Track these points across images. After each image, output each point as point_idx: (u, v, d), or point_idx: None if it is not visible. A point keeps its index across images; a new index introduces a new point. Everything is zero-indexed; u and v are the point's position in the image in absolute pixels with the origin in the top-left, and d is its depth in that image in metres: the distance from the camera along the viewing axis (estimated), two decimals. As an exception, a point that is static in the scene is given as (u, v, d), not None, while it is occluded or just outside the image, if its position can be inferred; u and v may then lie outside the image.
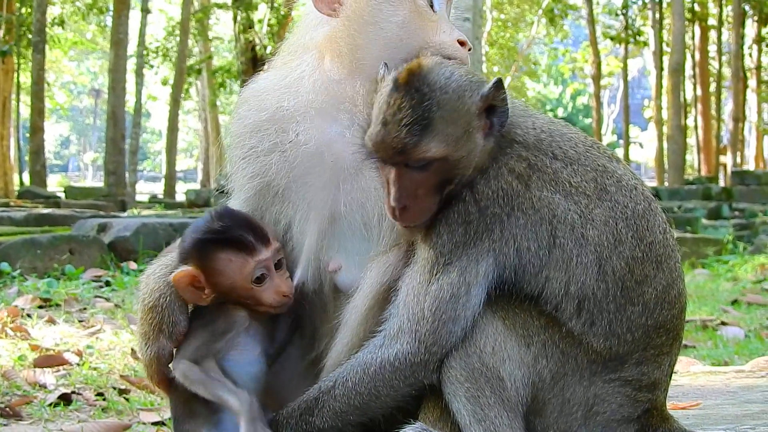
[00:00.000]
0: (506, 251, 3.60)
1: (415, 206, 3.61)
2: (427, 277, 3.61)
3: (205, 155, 60.73)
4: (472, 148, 3.61)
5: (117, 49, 40.45)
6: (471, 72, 3.77)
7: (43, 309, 9.91)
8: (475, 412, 3.56)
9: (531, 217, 3.60)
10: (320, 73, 4.11)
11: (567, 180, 3.67)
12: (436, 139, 3.54)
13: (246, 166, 4.23)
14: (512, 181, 3.62)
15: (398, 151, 3.54)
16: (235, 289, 3.96)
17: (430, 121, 3.53)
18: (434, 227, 3.64)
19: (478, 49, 24.41)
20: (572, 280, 3.60)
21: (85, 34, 64.76)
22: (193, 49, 57.60)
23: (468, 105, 3.60)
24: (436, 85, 3.58)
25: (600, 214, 3.66)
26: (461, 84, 3.63)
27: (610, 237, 3.64)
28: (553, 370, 3.62)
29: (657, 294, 3.70)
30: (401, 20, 4.04)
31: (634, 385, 3.69)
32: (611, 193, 3.72)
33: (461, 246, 3.59)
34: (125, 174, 41.59)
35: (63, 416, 5.97)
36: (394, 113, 3.55)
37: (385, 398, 3.70)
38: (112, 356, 7.74)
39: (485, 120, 3.64)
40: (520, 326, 3.60)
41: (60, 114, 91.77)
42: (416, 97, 3.55)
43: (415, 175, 3.59)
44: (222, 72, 51.64)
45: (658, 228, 3.78)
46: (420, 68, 3.63)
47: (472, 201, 3.61)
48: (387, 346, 3.67)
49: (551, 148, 3.74)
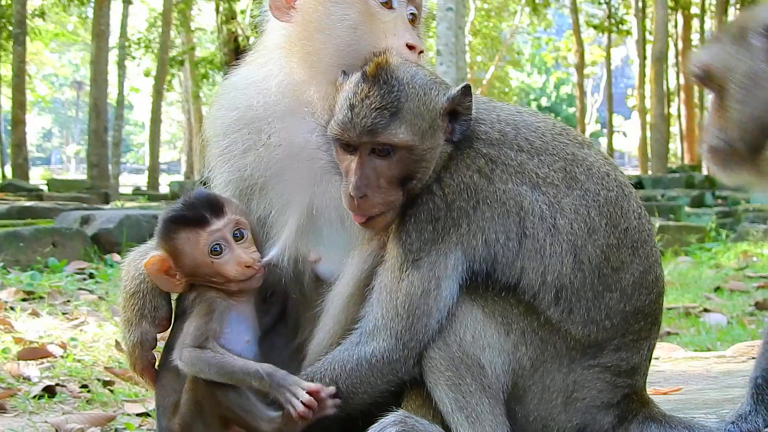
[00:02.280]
0: (474, 244, 3.63)
1: (375, 197, 3.63)
2: (397, 274, 3.65)
3: (189, 147, 60.55)
4: (434, 146, 3.67)
5: (99, 41, 40.28)
6: (433, 74, 3.83)
7: (26, 302, 9.89)
8: (456, 400, 3.60)
9: (497, 210, 3.63)
10: (285, 74, 4.13)
11: (533, 171, 3.71)
12: (404, 126, 3.59)
13: (222, 165, 4.27)
14: (473, 176, 3.65)
15: (367, 130, 3.58)
16: (198, 267, 3.98)
17: (399, 109, 3.59)
18: (403, 226, 3.67)
19: (461, 38, 24.44)
20: (548, 269, 3.63)
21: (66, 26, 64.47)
22: (176, 40, 57.38)
23: (434, 102, 3.67)
24: (403, 79, 3.65)
25: (570, 203, 3.69)
26: (426, 82, 3.70)
27: (583, 225, 3.67)
28: (532, 357, 3.65)
29: (634, 280, 3.73)
30: (351, 24, 4.03)
31: (614, 370, 3.73)
32: (581, 181, 3.75)
33: (429, 242, 3.63)
34: (108, 166, 41.47)
35: (47, 408, 5.97)
36: (363, 99, 3.61)
37: (362, 395, 3.73)
38: (96, 348, 7.74)
39: (448, 123, 3.70)
40: (499, 314, 3.63)
41: (42, 106, 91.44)
42: (385, 87, 3.62)
43: (377, 163, 3.63)
44: (205, 63, 51.60)
45: (632, 214, 3.81)
46: (387, 63, 3.69)
47: (440, 197, 3.64)
48: (363, 343, 3.71)
49: (516, 140, 3.76)
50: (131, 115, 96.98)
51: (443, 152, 3.70)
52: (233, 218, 4.02)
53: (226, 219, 4.00)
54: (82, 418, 5.65)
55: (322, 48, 4.04)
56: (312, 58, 4.06)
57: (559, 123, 4.05)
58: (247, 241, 4.05)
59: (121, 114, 46.24)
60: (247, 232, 4.06)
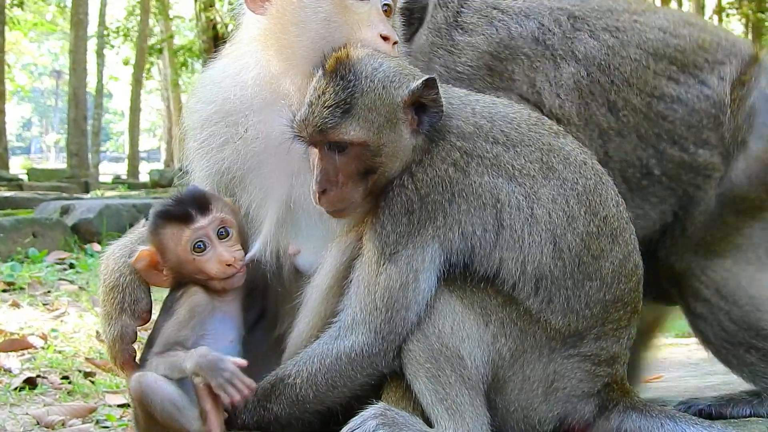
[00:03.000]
0: (451, 236, 3.64)
1: (336, 192, 3.68)
2: (375, 268, 3.65)
3: (169, 135, 60.33)
4: (395, 139, 3.68)
5: (77, 30, 40.17)
6: (403, 65, 3.82)
7: (6, 293, 9.88)
8: (436, 391, 3.59)
9: (473, 203, 3.64)
10: (261, 67, 4.14)
11: (509, 163, 3.71)
12: (355, 123, 3.62)
13: (200, 159, 4.29)
14: (448, 169, 3.66)
15: (318, 129, 3.63)
16: (181, 263, 4.01)
17: (352, 105, 3.62)
18: (378, 219, 3.68)
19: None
20: (528, 259, 3.63)
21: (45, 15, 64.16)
22: (154, 28, 57.25)
23: (393, 96, 3.68)
24: (361, 73, 3.67)
25: (547, 193, 3.69)
26: (389, 75, 3.70)
27: (561, 214, 3.68)
28: (512, 347, 3.65)
29: (614, 268, 3.74)
30: (324, 16, 4.03)
31: (594, 360, 3.73)
32: (558, 170, 3.75)
33: (405, 235, 3.63)
34: (88, 155, 41.40)
35: (28, 400, 5.96)
36: (319, 96, 3.66)
37: (342, 388, 3.74)
38: (77, 339, 7.73)
39: (413, 115, 3.70)
40: (478, 305, 3.63)
41: (21, 96, 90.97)
42: (340, 83, 3.65)
43: (336, 159, 3.66)
44: (184, 51, 51.41)
45: (611, 201, 3.82)
46: (347, 57, 3.71)
47: (413, 190, 3.64)
48: (342, 337, 3.70)
49: (492, 133, 3.77)
50: (110, 103, 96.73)
51: (414, 145, 3.72)
52: (219, 216, 4.05)
53: (211, 217, 4.02)
54: (64, 409, 5.65)
55: (296, 41, 4.04)
56: (287, 50, 4.05)
57: (535, 113, 4.07)
58: (232, 239, 4.07)
59: (100, 103, 46.15)
60: (232, 230, 4.08)
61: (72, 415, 5.59)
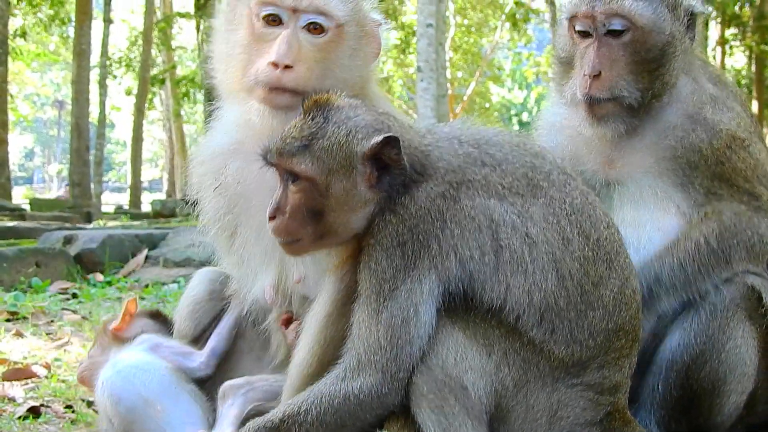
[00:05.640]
0: (448, 265, 3.67)
1: (282, 221, 3.79)
2: (375, 306, 3.67)
3: (171, 165, 60.32)
4: (347, 188, 3.75)
5: (80, 60, 40.22)
6: (382, 121, 3.85)
7: (10, 322, 9.86)
8: (440, 422, 3.62)
9: (467, 227, 3.67)
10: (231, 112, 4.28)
11: (498, 183, 3.76)
12: (309, 159, 3.72)
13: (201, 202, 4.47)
14: (435, 200, 3.71)
15: (276, 153, 3.76)
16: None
17: (311, 144, 3.73)
18: (371, 256, 3.71)
19: (441, 55, 24.48)
20: (534, 287, 3.65)
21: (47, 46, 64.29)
22: (157, 58, 57.30)
23: (353, 146, 3.74)
24: (331, 119, 3.78)
25: (537, 212, 3.74)
26: (358, 125, 3.78)
27: (556, 235, 3.72)
28: (515, 377, 3.67)
29: (614, 295, 3.77)
30: (244, 46, 4.21)
31: (596, 388, 3.76)
32: (544, 188, 3.80)
33: (402, 269, 3.66)
34: (90, 185, 41.37)
35: (32, 429, 5.96)
36: (290, 128, 3.81)
37: (350, 428, 3.75)
38: (79, 368, 7.73)
39: (372, 171, 3.75)
40: (481, 336, 3.66)
41: (24, 126, 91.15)
42: (310, 122, 3.78)
43: (290, 189, 3.77)
44: (186, 81, 51.44)
45: (601, 223, 3.86)
46: (325, 102, 3.84)
47: (399, 222, 3.69)
48: (349, 379, 3.71)
49: (481, 157, 3.82)
50: (113, 133, 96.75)
51: (369, 199, 3.78)
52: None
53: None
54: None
55: (231, 74, 4.18)
56: (228, 85, 4.19)
57: (517, 135, 4.13)
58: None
59: (102, 133, 46.14)
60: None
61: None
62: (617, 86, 4.60)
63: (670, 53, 4.63)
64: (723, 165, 4.55)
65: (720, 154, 4.56)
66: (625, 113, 4.63)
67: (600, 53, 4.61)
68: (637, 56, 4.62)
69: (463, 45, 61.09)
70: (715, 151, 4.55)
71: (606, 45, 4.62)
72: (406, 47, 50.41)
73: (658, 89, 4.64)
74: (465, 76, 64.10)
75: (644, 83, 4.62)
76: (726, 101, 4.71)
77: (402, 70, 56.46)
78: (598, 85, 4.60)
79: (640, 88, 4.61)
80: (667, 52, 4.62)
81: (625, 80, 4.61)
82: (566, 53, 4.85)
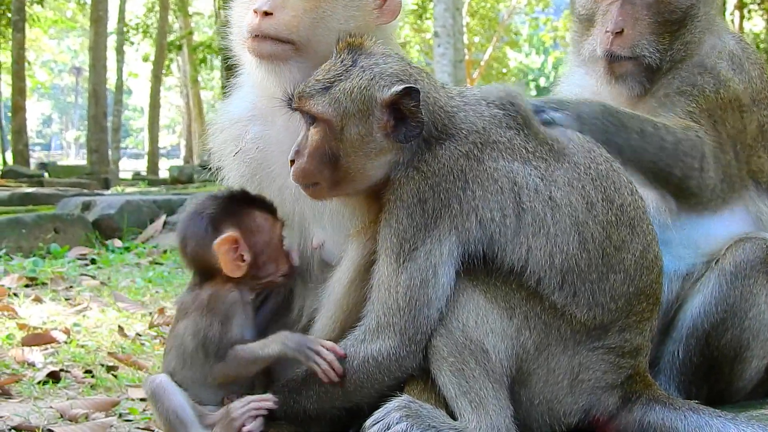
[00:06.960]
0: (468, 226, 3.64)
1: (301, 164, 3.75)
2: (395, 267, 3.65)
3: (188, 131, 60.40)
4: (363, 133, 3.71)
5: (97, 27, 40.28)
6: (409, 71, 3.80)
7: (29, 288, 9.91)
8: (460, 385, 3.60)
9: (489, 188, 3.64)
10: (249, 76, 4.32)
11: (522, 146, 3.73)
12: (327, 102, 3.70)
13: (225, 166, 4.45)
14: (459, 160, 3.67)
15: (298, 95, 3.77)
16: (269, 248, 4.09)
17: (332, 86, 3.71)
18: (392, 213, 3.68)
19: (458, 20, 24.38)
20: (556, 249, 3.63)
21: (65, 12, 64.36)
22: (174, 24, 57.26)
23: (373, 91, 3.71)
24: (359, 63, 3.76)
25: (562, 176, 3.71)
26: (383, 72, 3.74)
27: (580, 199, 3.69)
28: (536, 340, 3.65)
29: (636, 259, 3.74)
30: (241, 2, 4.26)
31: (618, 352, 3.73)
32: (569, 155, 3.78)
33: (422, 228, 3.63)
34: (108, 151, 41.51)
35: (52, 394, 5.98)
36: (317, 72, 3.80)
37: (369, 389, 3.75)
38: (99, 333, 7.75)
39: (389, 118, 3.71)
40: (502, 299, 3.64)
41: (41, 92, 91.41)
42: (338, 64, 3.77)
43: (309, 132, 3.75)
44: (203, 47, 51.39)
45: (625, 189, 3.83)
46: (358, 45, 3.83)
47: (421, 179, 3.66)
48: (369, 341, 3.71)
49: (504, 119, 3.79)
50: (130, 100, 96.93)
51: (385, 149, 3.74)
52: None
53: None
54: (87, 403, 5.67)
55: (236, 34, 4.17)
56: (238, 47, 4.21)
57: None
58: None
59: (120, 99, 46.30)
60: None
61: (95, 408, 5.60)
62: (639, 45, 4.59)
63: (693, 15, 4.62)
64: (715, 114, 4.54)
65: (719, 104, 4.54)
66: (643, 74, 4.61)
67: (623, 11, 4.60)
68: (660, 17, 4.60)
69: (480, 10, 60.81)
70: (715, 98, 4.54)
71: (630, 3, 4.62)
72: (423, 12, 50.23)
73: (678, 51, 4.60)
74: (482, 42, 63.87)
75: (665, 44, 4.60)
76: (743, 64, 4.69)
77: (419, 35, 56.33)
78: (619, 42, 4.59)
79: (660, 50, 4.60)
80: (690, 14, 4.61)
81: (646, 40, 4.59)
82: (586, 10, 4.84)
